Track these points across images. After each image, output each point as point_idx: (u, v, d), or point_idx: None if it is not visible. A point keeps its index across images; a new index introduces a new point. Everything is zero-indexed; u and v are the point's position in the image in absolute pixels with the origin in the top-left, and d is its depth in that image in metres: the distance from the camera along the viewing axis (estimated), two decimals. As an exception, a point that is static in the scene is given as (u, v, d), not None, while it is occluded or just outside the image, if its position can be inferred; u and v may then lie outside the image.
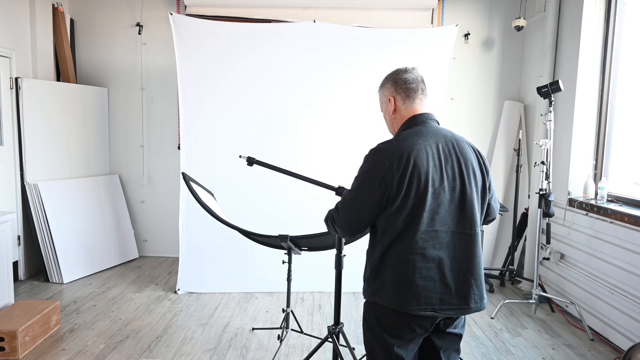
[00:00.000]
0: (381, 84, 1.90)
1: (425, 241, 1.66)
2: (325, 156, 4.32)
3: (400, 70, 1.85)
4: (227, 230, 3.35)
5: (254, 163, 2.82)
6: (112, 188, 5.17)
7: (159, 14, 5.06)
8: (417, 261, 1.65)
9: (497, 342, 3.40)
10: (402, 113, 1.82)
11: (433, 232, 1.66)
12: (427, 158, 1.67)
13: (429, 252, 1.66)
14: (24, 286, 4.33)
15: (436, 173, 1.67)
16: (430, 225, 1.66)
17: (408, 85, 1.81)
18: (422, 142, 1.70)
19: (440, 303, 1.67)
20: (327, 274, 4.26)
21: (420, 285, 1.66)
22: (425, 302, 1.66)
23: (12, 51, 4.31)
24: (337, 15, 4.82)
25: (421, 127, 1.76)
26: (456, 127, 5.09)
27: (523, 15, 4.77)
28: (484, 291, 1.76)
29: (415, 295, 1.65)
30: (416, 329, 1.72)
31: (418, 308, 1.66)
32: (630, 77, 3.66)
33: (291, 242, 2.95)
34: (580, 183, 3.93)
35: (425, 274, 1.66)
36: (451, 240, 1.69)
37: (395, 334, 1.72)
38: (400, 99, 1.82)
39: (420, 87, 1.82)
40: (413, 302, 1.66)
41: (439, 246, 1.67)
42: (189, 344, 3.28)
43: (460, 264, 1.70)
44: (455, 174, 1.70)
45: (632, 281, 3.18)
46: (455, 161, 1.71)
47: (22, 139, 4.37)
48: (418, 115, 1.79)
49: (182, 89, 4.19)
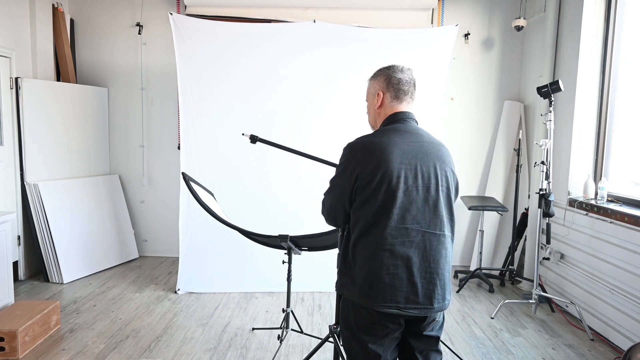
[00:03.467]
0: (374, 75, 1.89)
1: (394, 237, 1.66)
2: (326, 156, 4.31)
3: (396, 69, 1.84)
4: (227, 230, 3.35)
5: (257, 140, 2.84)
6: (112, 188, 5.17)
7: (159, 14, 5.06)
8: (385, 257, 1.66)
9: (497, 342, 3.40)
10: (387, 110, 1.83)
11: (403, 230, 1.67)
12: (401, 155, 1.68)
13: (397, 249, 1.67)
14: (24, 286, 4.33)
15: (410, 171, 1.68)
16: (401, 222, 1.66)
17: (400, 86, 1.81)
18: (398, 140, 1.71)
19: (405, 302, 1.68)
20: (327, 274, 4.27)
21: (387, 282, 1.66)
22: (390, 300, 1.67)
23: (12, 51, 4.31)
24: (337, 15, 4.82)
25: (400, 124, 1.78)
26: (456, 127, 5.14)
27: (523, 15, 4.77)
28: (448, 291, 1.76)
29: (381, 292, 1.67)
30: (388, 325, 1.72)
31: (383, 305, 1.67)
32: (630, 77, 3.66)
33: (291, 242, 2.95)
34: (580, 183, 3.93)
35: (392, 271, 1.67)
36: (422, 239, 1.69)
37: (367, 331, 1.73)
38: (389, 97, 1.82)
39: (411, 91, 1.84)
40: (379, 298, 1.67)
41: (408, 244, 1.67)
42: (189, 344, 3.28)
43: (428, 264, 1.70)
44: (431, 174, 1.71)
45: (632, 281, 3.18)
46: (431, 162, 1.72)
47: (22, 139, 4.37)
48: (399, 113, 1.81)
49: (182, 89, 4.19)
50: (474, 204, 4.47)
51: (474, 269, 4.62)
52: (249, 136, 2.83)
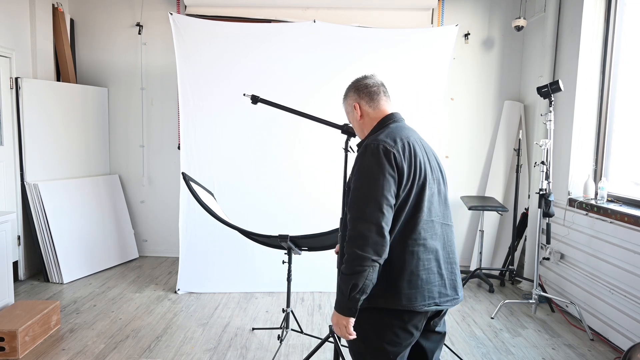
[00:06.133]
0: (344, 95, 1.92)
1: (425, 231, 1.66)
2: (325, 155, 4.32)
3: (359, 78, 1.89)
4: (227, 230, 3.35)
5: (259, 101, 2.83)
6: (112, 188, 5.17)
7: (159, 14, 5.06)
8: (420, 252, 1.65)
9: (497, 342, 3.40)
10: (371, 115, 1.84)
11: (430, 223, 1.68)
12: (419, 148, 1.73)
13: (429, 243, 1.67)
14: (24, 286, 4.33)
15: (427, 164, 1.72)
16: (428, 216, 1.68)
17: (370, 89, 1.84)
18: (410, 134, 1.76)
19: (439, 296, 1.68)
20: (327, 274, 4.28)
21: (424, 278, 1.65)
22: (428, 297, 1.66)
23: (12, 51, 4.31)
24: (337, 15, 4.82)
25: (400, 123, 1.81)
26: (456, 127, 5.15)
27: (523, 15, 4.77)
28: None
29: (420, 290, 1.64)
30: (414, 332, 1.69)
31: (423, 304, 1.64)
32: (630, 77, 3.66)
33: (291, 242, 2.95)
34: (580, 183, 3.93)
35: (427, 265, 1.66)
36: (442, 231, 1.73)
37: (394, 341, 1.67)
38: (365, 103, 1.84)
39: (382, 90, 1.86)
40: (419, 297, 1.64)
41: (435, 237, 1.69)
42: (189, 344, 3.28)
43: (449, 255, 1.74)
44: (435, 168, 1.77)
45: (632, 281, 3.18)
46: (434, 156, 1.80)
47: (22, 139, 4.37)
48: (391, 115, 1.83)
49: (182, 89, 4.19)
50: (474, 204, 4.47)
51: (474, 269, 4.62)
52: (250, 96, 2.81)
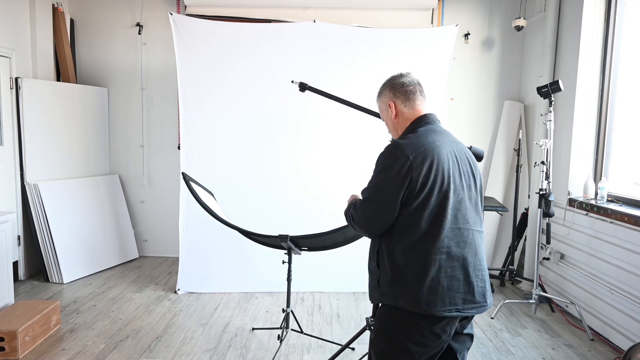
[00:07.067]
0: (379, 93, 1.91)
1: (450, 239, 1.65)
2: (326, 156, 4.32)
3: (396, 76, 1.87)
4: (227, 230, 3.35)
5: (307, 89, 2.87)
6: (112, 188, 5.17)
7: (159, 14, 5.06)
8: (442, 260, 1.64)
9: (497, 342, 3.40)
10: (406, 116, 1.83)
11: (457, 230, 1.66)
12: (447, 154, 1.69)
13: (453, 251, 1.65)
14: (24, 286, 4.33)
15: (456, 170, 1.69)
16: (454, 223, 1.66)
17: (406, 87, 1.82)
18: (439, 139, 1.72)
19: (462, 303, 1.67)
20: (327, 274, 4.30)
21: (445, 285, 1.64)
22: (450, 303, 1.65)
23: (12, 51, 4.31)
24: (337, 15, 4.82)
25: (432, 125, 1.79)
26: (456, 127, 5.13)
27: (523, 15, 4.77)
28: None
29: (441, 296, 1.63)
30: (442, 335, 1.68)
31: (443, 310, 1.64)
32: (630, 77, 3.66)
33: (291, 242, 2.95)
34: (580, 183, 3.93)
35: (450, 273, 1.65)
36: (472, 239, 1.70)
37: (420, 342, 1.67)
38: (401, 102, 1.83)
39: (418, 89, 1.84)
40: (439, 303, 1.63)
41: (462, 244, 1.67)
42: (189, 344, 3.28)
43: (479, 262, 1.72)
44: (469, 172, 1.75)
45: (632, 281, 3.18)
46: (467, 160, 1.76)
47: (22, 139, 4.37)
48: (424, 116, 1.81)
49: (182, 89, 4.19)
50: (474, 204, 4.46)
51: (474, 269, 4.61)
52: (298, 84, 2.84)
